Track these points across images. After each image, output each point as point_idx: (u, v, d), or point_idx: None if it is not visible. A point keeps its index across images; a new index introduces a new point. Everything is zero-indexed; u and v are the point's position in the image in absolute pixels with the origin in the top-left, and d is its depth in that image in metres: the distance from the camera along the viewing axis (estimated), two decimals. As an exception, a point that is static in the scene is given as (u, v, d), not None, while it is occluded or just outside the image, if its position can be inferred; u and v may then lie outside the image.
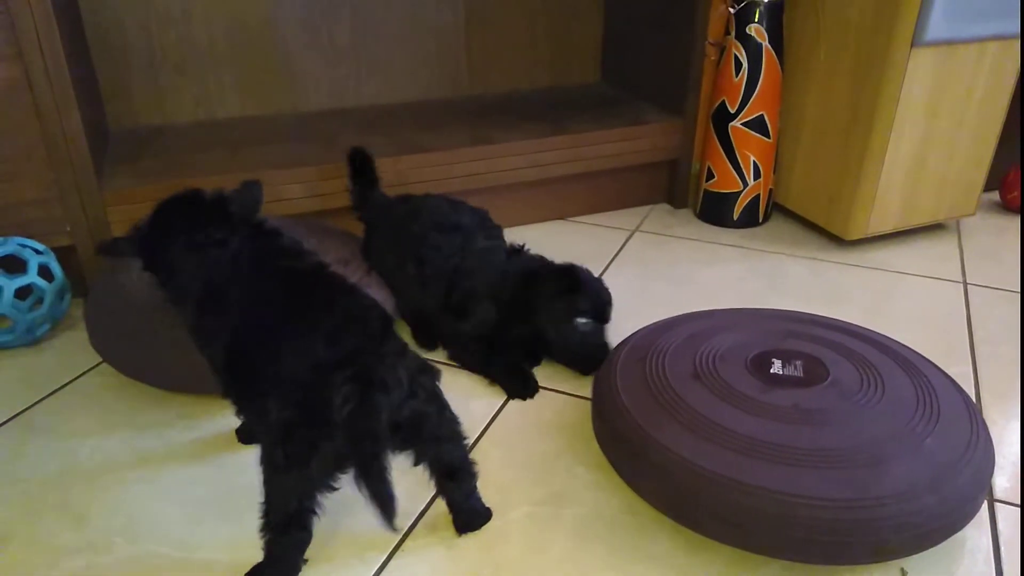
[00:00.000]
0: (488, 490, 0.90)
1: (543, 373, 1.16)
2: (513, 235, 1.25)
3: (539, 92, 1.93)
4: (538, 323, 1.13)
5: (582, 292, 1.11)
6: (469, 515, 0.86)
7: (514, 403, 1.09)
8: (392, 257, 1.23)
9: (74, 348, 1.20)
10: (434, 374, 0.78)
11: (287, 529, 0.76)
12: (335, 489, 0.74)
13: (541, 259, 1.20)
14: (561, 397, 1.10)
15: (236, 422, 1.00)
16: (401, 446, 0.75)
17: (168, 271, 0.84)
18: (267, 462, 0.74)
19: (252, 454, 0.96)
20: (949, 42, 1.35)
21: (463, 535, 0.86)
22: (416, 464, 0.78)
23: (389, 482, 0.68)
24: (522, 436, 1.02)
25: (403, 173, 1.47)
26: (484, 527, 0.87)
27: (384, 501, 0.68)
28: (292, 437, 0.71)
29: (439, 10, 1.78)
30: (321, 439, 0.70)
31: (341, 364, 0.69)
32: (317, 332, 0.73)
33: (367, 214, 1.34)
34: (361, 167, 1.35)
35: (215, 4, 1.59)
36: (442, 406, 0.78)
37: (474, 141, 1.56)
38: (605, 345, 1.12)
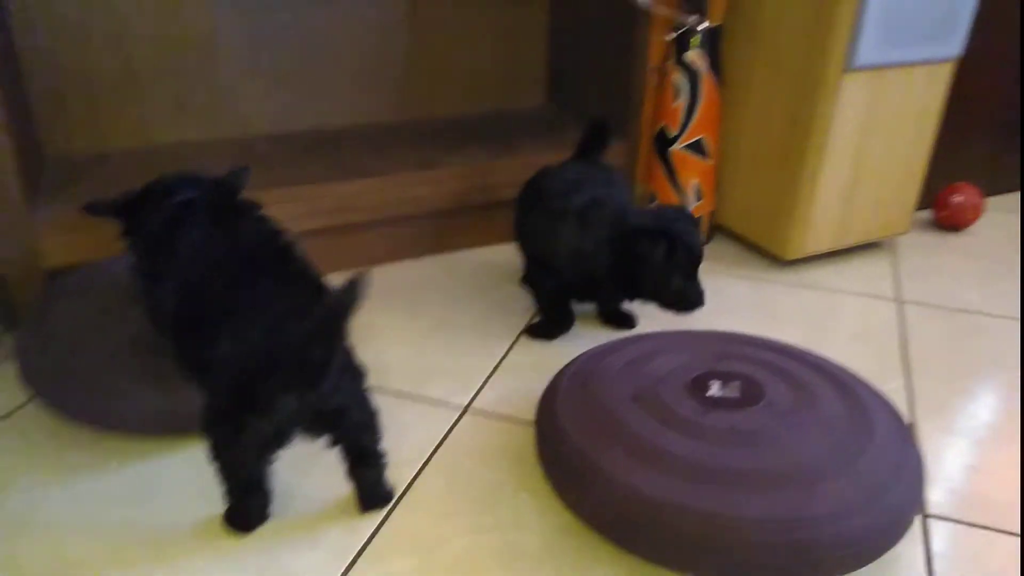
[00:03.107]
0: (432, 519, 0.90)
1: (487, 398, 1.15)
2: (463, 259, 1.25)
3: (485, 115, 1.94)
4: (637, 278, 1.20)
5: (675, 259, 1.16)
6: (372, 496, 0.92)
7: (458, 430, 1.08)
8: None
9: (2, 385, 1.15)
10: (361, 373, 0.85)
11: (244, 495, 0.86)
12: (276, 459, 0.83)
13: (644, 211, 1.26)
14: (506, 422, 1.10)
15: (171, 463, 0.98)
16: (320, 431, 0.83)
17: (142, 238, 0.90)
18: (206, 440, 0.81)
19: (186, 495, 0.94)
20: (879, 67, 1.40)
21: (367, 512, 0.92)
22: (332, 446, 0.85)
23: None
24: (466, 463, 1.02)
25: (346, 198, 1.46)
26: (428, 553, 0.86)
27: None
28: (222, 419, 0.79)
29: (382, 35, 1.78)
30: (249, 421, 0.77)
31: (277, 356, 0.74)
32: (257, 321, 0.78)
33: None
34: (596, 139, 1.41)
35: (154, 27, 1.56)
36: (364, 400, 0.86)
37: (420, 165, 1.56)
38: (700, 293, 1.20)
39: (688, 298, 1.20)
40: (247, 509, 0.88)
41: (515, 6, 1.88)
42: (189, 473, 0.97)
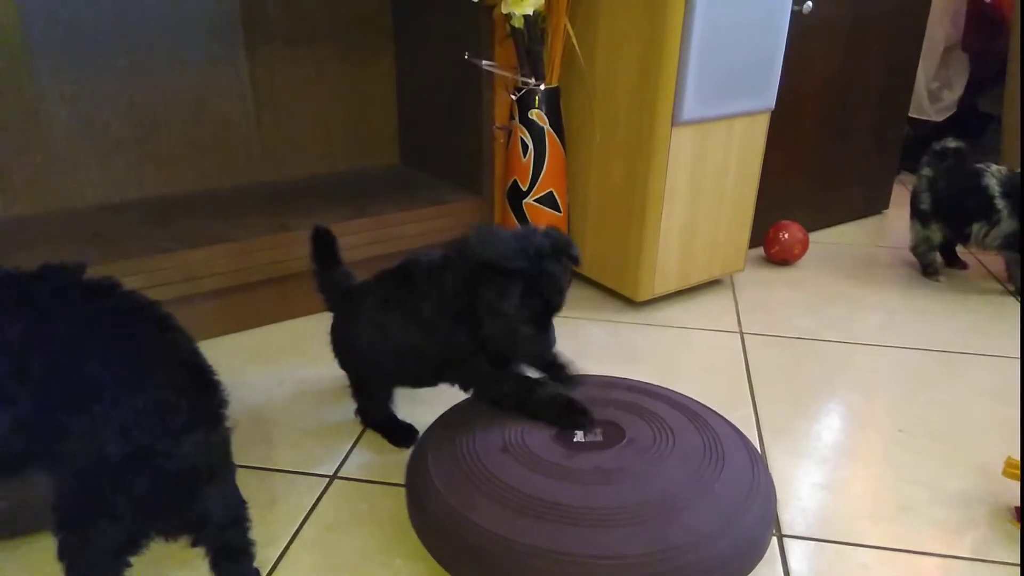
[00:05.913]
0: (301, 599, 0.86)
1: (355, 463, 1.12)
2: (323, 320, 1.22)
3: (338, 176, 1.93)
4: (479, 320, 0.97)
5: (529, 304, 0.95)
6: None
7: (326, 499, 1.04)
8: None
9: None
10: (231, 467, 0.80)
11: None
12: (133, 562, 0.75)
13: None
14: (376, 487, 1.07)
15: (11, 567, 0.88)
16: (181, 533, 0.76)
17: None
18: (57, 538, 0.72)
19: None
20: (703, 120, 1.52)
21: None
22: (194, 546, 0.78)
23: None
24: (336, 535, 0.98)
25: (195, 266, 1.40)
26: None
27: None
28: (73, 521, 0.71)
29: (224, 99, 1.74)
30: (101, 527, 0.70)
31: (134, 457, 0.68)
32: (111, 417, 0.70)
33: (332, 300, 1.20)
34: (325, 248, 1.19)
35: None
36: (231, 493, 0.80)
37: (273, 228, 1.52)
38: (546, 347, 1.01)
39: (526, 348, 1.01)
40: None
41: (361, 68, 1.90)
42: (21, 581, 0.88)
